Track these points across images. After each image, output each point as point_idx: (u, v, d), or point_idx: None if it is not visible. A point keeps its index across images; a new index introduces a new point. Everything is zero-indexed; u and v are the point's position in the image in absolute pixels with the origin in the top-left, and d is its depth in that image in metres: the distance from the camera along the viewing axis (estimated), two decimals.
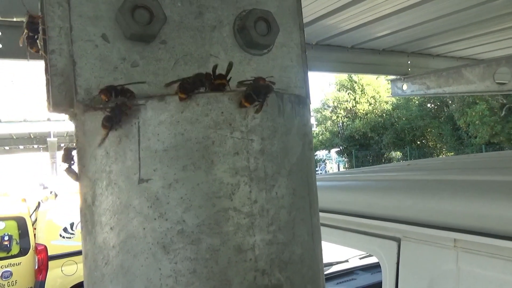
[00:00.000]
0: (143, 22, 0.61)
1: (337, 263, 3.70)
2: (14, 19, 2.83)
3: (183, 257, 0.54)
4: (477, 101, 18.04)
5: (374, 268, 3.43)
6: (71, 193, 7.59)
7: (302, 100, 0.68)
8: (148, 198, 0.55)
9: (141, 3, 0.61)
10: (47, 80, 0.63)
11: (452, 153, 21.19)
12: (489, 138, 18.31)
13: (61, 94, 0.61)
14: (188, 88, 0.56)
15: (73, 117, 0.63)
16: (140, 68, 0.64)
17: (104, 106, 0.57)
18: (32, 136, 15.12)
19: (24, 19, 0.64)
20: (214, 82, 0.61)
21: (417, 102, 23.84)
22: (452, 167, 1.85)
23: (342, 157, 28.73)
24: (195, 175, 0.55)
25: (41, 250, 6.34)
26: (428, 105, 23.98)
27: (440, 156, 20.34)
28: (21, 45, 0.65)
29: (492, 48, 4.93)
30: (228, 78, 0.63)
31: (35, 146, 16.56)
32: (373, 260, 3.47)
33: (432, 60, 5.15)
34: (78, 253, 6.45)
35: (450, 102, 21.18)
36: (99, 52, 0.62)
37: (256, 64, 0.72)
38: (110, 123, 0.56)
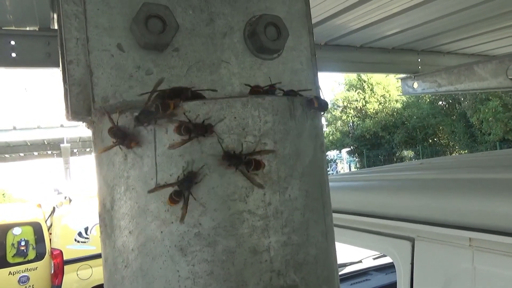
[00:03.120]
0: (156, 31, 0.63)
1: (351, 263, 3.68)
2: (27, 28, 2.89)
3: (200, 259, 0.55)
4: (490, 97, 17.74)
5: (388, 268, 3.41)
6: (85, 198, 7.69)
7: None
8: (165, 202, 0.56)
9: (154, 12, 0.63)
10: (65, 89, 0.65)
11: (466, 151, 20.87)
12: (503, 134, 17.98)
13: (79, 103, 0.63)
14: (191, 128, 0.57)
15: (91, 124, 0.65)
16: (154, 76, 0.65)
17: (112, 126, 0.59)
18: (46, 143, 15.36)
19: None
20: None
21: (428, 100, 23.55)
22: (466, 165, 1.83)
23: (353, 157, 28.52)
24: (210, 179, 0.56)
25: (57, 255, 6.43)
26: (440, 102, 23.67)
27: (453, 154, 20.07)
28: None
29: (504, 44, 4.85)
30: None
31: (49, 152, 16.82)
32: (387, 260, 3.44)
33: (443, 57, 5.09)
34: (93, 257, 6.53)
35: (462, 99, 20.86)
36: (115, 62, 0.64)
37: (267, 69, 0.73)
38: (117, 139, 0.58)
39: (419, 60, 4.92)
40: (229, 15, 0.72)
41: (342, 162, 31.17)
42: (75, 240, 6.68)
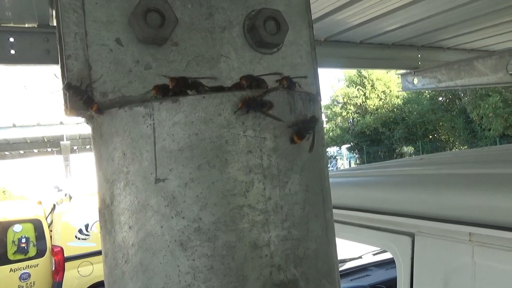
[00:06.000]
0: (155, 25, 0.63)
1: (351, 259, 3.69)
2: (26, 25, 2.88)
3: (200, 254, 0.55)
4: (490, 93, 17.73)
5: (388, 264, 3.42)
6: (85, 195, 7.70)
7: (313, 97, 0.69)
8: (165, 197, 0.56)
9: (153, 6, 0.62)
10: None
11: (466, 147, 20.88)
12: (503, 130, 17.99)
13: (78, 98, 0.63)
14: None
15: (89, 120, 0.65)
16: (153, 70, 0.65)
17: None
18: (46, 140, 15.36)
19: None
20: None
21: (428, 96, 23.53)
22: (466, 161, 1.83)
23: (353, 153, 28.53)
24: (210, 174, 0.56)
25: (58, 252, 6.45)
26: (440, 98, 23.66)
27: (453, 150, 20.07)
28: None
29: (505, 39, 4.83)
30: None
31: (49, 149, 16.83)
32: (387, 256, 3.45)
33: (442, 53, 5.07)
34: (94, 254, 6.55)
35: (462, 95, 20.84)
36: (114, 56, 0.63)
37: (266, 63, 0.73)
38: None
39: (419, 55, 4.91)
40: (228, 9, 0.71)
41: (342, 158, 31.19)
42: (76, 237, 6.70)
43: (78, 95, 0.60)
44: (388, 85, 25.49)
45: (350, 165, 28.48)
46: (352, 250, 3.56)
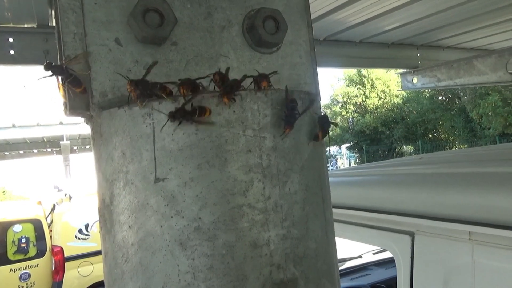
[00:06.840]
0: (154, 25, 0.63)
1: (351, 258, 3.70)
2: (25, 26, 2.88)
3: (200, 253, 0.55)
4: (490, 92, 17.74)
5: (388, 263, 3.42)
6: (85, 195, 7.70)
7: (312, 96, 0.69)
8: (164, 196, 0.56)
9: (152, 6, 0.62)
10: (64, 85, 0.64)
11: (465, 146, 20.89)
12: (503, 129, 18.01)
13: (77, 98, 0.63)
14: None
15: (89, 119, 0.65)
16: (152, 70, 0.65)
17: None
18: (46, 140, 15.34)
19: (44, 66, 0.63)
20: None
21: (427, 95, 23.54)
22: (465, 160, 1.83)
23: (353, 152, 28.53)
24: (210, 173, 0.56)
25: (58, 252, 6.45)
26: (440, 97, 23.66)
27: (453, 149, 20.06)
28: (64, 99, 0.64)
29: (504, 38, 4.83)
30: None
31: (49, 149, 16.82)
32: (387, 255, 3.45)
33: (442, 52, 5.07)
34: (94, 254, 6.55)
35: (461, 94, 20.85)
36: (113, 56, 0.63)
37: (265, 63, 0.73)
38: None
39: (418, 55, 4.91)
40: (228, 9, 0.71)
41: (342, 157, 31.19)
42: (76, 237, 6.70)
43: (62, 75, 0.60)
44: (388, 84, 25.48)
45: (350, 165, 28.47)
46: (352, 249, 3.55)
